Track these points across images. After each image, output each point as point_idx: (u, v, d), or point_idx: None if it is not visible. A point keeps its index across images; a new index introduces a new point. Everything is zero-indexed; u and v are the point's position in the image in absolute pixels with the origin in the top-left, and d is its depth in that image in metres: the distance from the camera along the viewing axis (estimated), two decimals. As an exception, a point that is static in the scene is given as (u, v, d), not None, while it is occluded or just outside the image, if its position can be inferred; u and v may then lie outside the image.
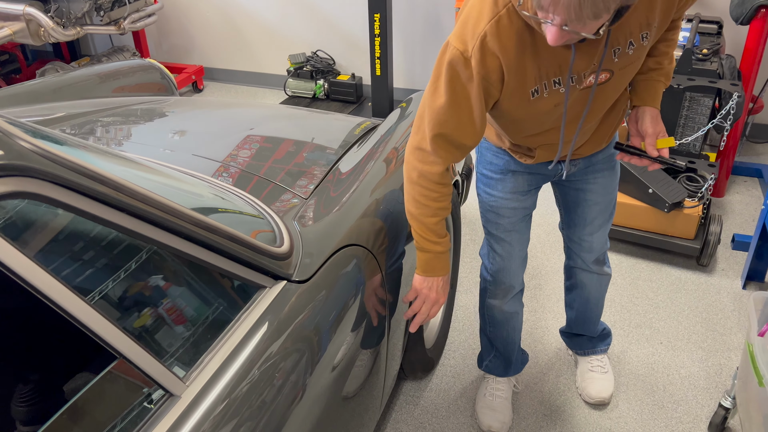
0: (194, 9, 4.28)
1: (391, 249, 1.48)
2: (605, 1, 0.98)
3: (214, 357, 0.97)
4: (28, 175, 0.75)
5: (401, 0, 3.71)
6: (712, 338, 2.19)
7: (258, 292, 1.10)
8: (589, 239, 1.74)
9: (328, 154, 1.74)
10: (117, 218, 0.86)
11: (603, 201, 1.67)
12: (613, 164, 1.64)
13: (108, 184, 0.84)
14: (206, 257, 0.99)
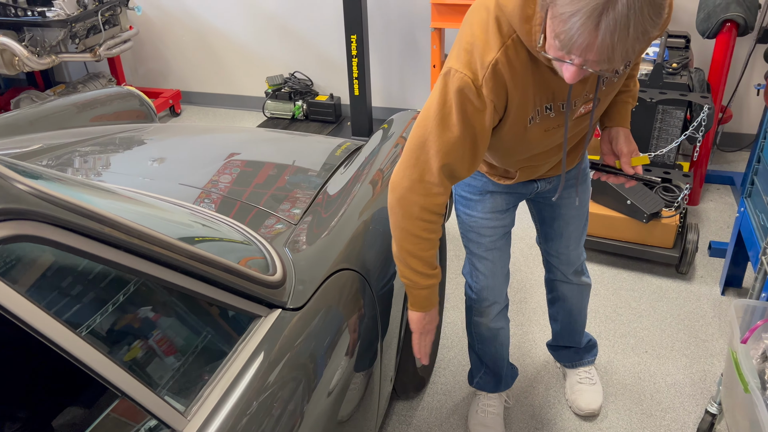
0: (170, 33, 4.28)
1: (381, 271, 1.50)
2: (637, 46, 0.98)
3: (214, 390, 0.97)
4: (27, 218, 0.76)
5: (377, 21, 3.76)
6: (694, 345, 2.24)
7: (253, 322, 1.11)
8: (567, 252, 1.78)
9: (314, 178, 1.75)
10: (114, 256, 0.86)
11: (578, 214, 1.72)
12: (585, 178, 1.69)
13: (106, 222, 0.84)
14: (202, 290, 1.00)
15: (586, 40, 0.97)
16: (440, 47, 3.31)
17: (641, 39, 0.97)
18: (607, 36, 0.95)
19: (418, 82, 3.90)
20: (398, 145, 1.97)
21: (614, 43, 0.95)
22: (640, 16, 0.94)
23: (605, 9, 0.93)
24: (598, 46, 0.97)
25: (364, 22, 3.38)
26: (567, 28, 0.97)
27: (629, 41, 0.96)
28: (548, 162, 1.52)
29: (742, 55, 3.10)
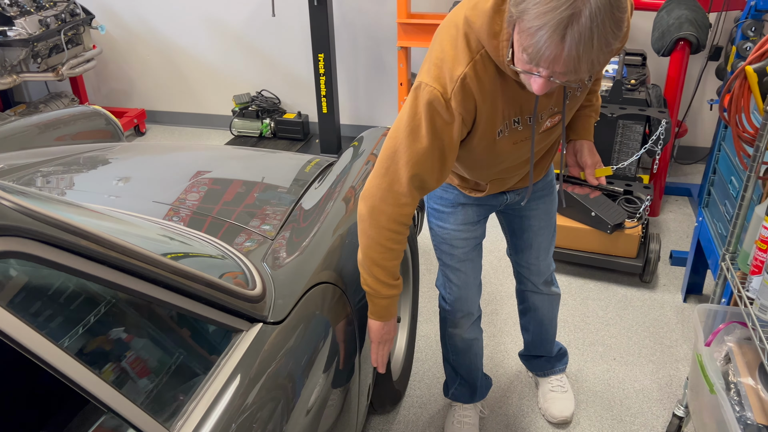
0: (134, 53, 4.25)
1: (358, 285, 1.51)
2: (601, 57, 1.03)
3: (199, 405, 0.97)
4: (14, 234, 0.76)
5: (344, 40, 3.81)
6: (660, 351, 2.31)
7: (235, 336, 1.11)
8: (536, 262, 1.83)
9: (288, 194, 1.77)
10: (100, 272, 0.86)
11: (546, 225, 1.77)
12: (552, 190, 1.74)
13: (91, 238, 0.84)
14: (184, 304, 1.00)
15: (553, 52, 1.01)
16: (407, 65, 3.37)
17: (604, 50, 1.02)
18: (572, 48, 1.00)
19: (385, 100, 3.96)
20: (369, 162, 2.00)
21: (579, 55, 1.00)
22: (603, 29, 0.99)
23: (570, 23, 0.98)
24: (565, 57, 1.01)
25: (331, 41, 3.43)
26: (534, 42, 1.02)
27: (593, 52, 1.01)
28: (517, 174, 1.57)
29: (696, 72, 3.24)
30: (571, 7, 0.97)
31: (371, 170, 1.94)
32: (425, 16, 3.33)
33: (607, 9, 0.98)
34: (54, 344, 0.76)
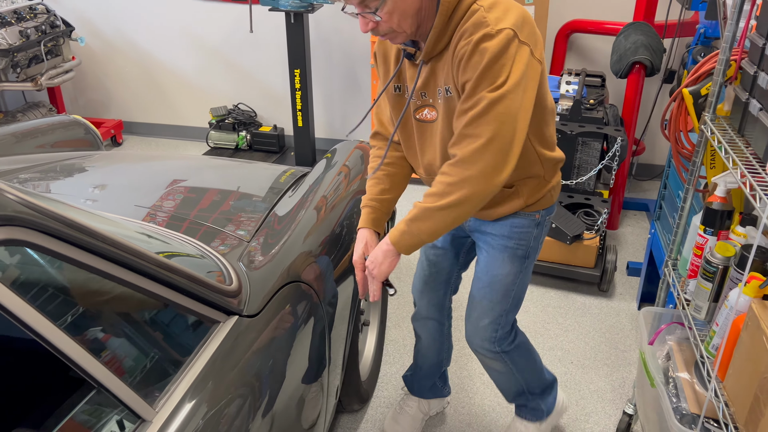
0: (112, 64, 4.32)
1: (329, 285, 1.62)
2: None
3: (179, 385, 1.06)
4: (16, 224, 0.85)
5: (319, 56, 3.93)
6: (614, 355, 2.44)
7: (214, 326, 1.20)
8: (469, 312, 1.71)
9: (263, 201, 1.87)
10: (92, 261, 0.95)
11: (483, 278, 1.64)
12: (505, 248, 1.59)
13: (85, 231, 0.94)
14: (169, 295, 1.09)
15: None
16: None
17: None
18: None
19: (358, 114, 4.08)
20: (341, 173, 2.11)
21: None
22: None
23: None
24: None
25: (307, 58, 3.54)
26: None
27: None
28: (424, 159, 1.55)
29: (653, 94, 3.44)
30: None
31: (343, 181, 2.06)
32: (398, 36, 3.47)
33: None
34: (54, 324, 0.85)
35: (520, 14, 1.28)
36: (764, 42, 1.39)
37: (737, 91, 1.53)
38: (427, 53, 1.35)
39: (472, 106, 1.28)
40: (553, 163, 1.55)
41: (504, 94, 1.25)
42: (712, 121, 1.59)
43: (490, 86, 1.25)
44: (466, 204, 1.33)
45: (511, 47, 1.24)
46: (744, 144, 1.45)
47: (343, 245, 1.80)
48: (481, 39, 1.24)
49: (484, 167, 1.29)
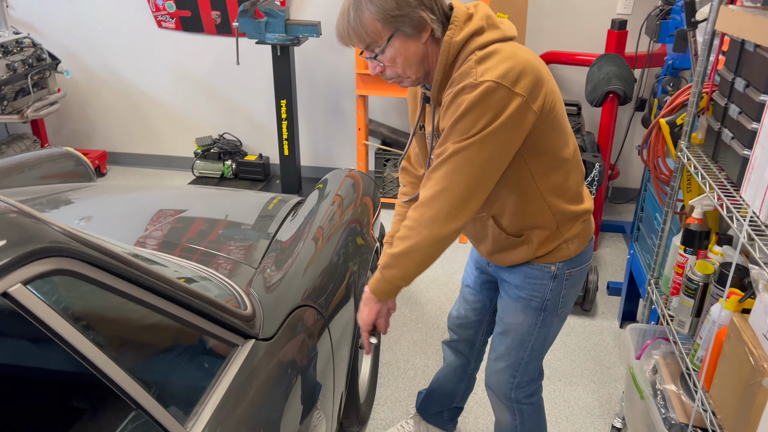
0: (96, 95, 4.35)
1: (335, 310, 1.68)
2: (356, 33, 1.31)
3: (207, 406, 1.11)
4: (64, 255, 0.91)
5: (304, 87, 4.03)
6: (600, 372, 2.54)
7: (233, 349, 1.26)
8: (489, 353, 1.73)
9: (264, 228, 1.93)
10: (128, 288, 1.01)
11: (500, 324, 1.66)
12: (519, 299, 1.59)
13: (121, 259, 1.00)
14: (193, 319, 1.15)
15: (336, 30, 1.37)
16: (364, 112, 3.61)
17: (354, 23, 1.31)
18: (340, 26, 1.35)
19: (343, 143, 4.18)
20: (335, 203, 2.17)
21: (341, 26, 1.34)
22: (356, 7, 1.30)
23: (342, 7, 1.33)
24: (339, 35, 1.36)
25: (293, 89, 3.64)
26: None
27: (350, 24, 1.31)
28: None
29: (626, 121, 3.60)
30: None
31: (337, 211, 2.12)
32: (381, 67, 3.59)
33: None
34: (100, 349, 0.90)
35: (516, 65, 1.25)
36: (733, 76, 1.52)
37: (710, 120, 1.65)
38: (433, 99, 1.39)
39: (441, 153, 1.31)
40: (571, 216, 1.49)
41: (469, 144, 1.26)
42: (688, 148, 1.71)
43: (459, 136, 1.27)
44: (425, 248, 1.34)
45: (490, 99, 1.23)
46: (718, 169, 1.57)
47: (341, 272, 1.85)
48: (461, 90, 1.26)
49: (437, 213, 1.31)
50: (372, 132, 3.90)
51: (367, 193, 2.38)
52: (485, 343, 1.92)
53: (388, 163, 3.84)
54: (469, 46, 1.30)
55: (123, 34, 4.11)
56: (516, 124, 1.27)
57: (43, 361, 1.71)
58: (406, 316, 2.87)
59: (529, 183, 1.42)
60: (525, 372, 1.67)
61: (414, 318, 2.86)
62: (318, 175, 4.26)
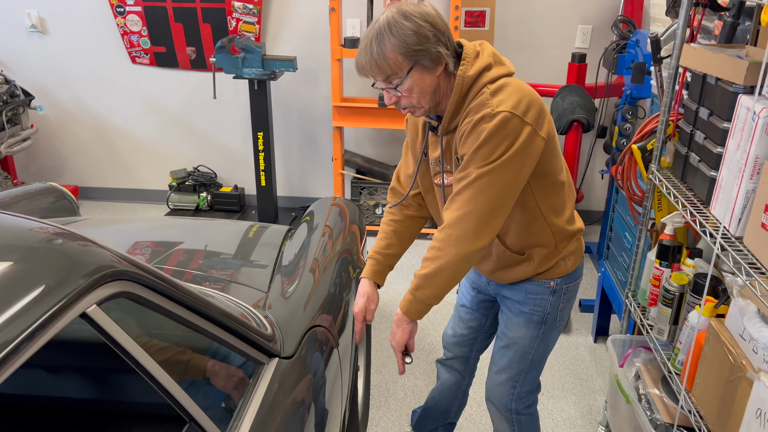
0: (67, 131, 4.35)
1: (341, 330, 1.77)
2: (380, 61, 1.38)
3: (244, 420, 1.18)
4: (125, 278, 0.98)
5: (279, 119, 4.13)
6: (579, 385, 2.67)
7: (260, 366, 1.33)
8: (490, 367, 1.82)
9: (265, 257, 2.01)
10: (176, 309, 1.09)
11: (503, 338, 1.75)
12: (521, 313, 1.69)
13: (170, 282, 1.07)
14: (228, 338, 1.23)
15: (356, 62, 1.43)
16: (340, 142, 3.73)
17: (376, 55, 1.37)
18: (360, 53, 1.40)
19: (318, 173, 4.28)
20: (325, 234, 2.22)
21: (363, 58, 1.39)
22: (378, 40, 1.37)
23: (366, 37, 1.39)
24: (357, 59, 1.42)
25: (270, 121, 3.73)
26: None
27: (372, 56, 1.38)
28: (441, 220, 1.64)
29: (587, 148, 3.82)
30: (369, 29, 1.39)
31: (328, 242, 2.19)
32: (356, 100, 3.73)
33: (383, 28, 1.36)
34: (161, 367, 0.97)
35: (524, 98, 1.39)
36: (697, 106, 1.70)
37: (677, 146, 1.83)
38: (443, 128, 1.49)
39: (463, 177, 1.42)
40: (567, 235, 1.61)
41: (491, 169, 1.37)
42: (659, 171, 1.89)
43: (481, 162, 1.38)
44: (453, 267, 1.44)
45: (507, 127, 1.36)
46: (687, 189, 1.74)
47: (341, 297, 1.92)
48: (480, 119, 1.38)
49: (465, 233, 1.41)
50: (347, 162, 4.02)
51: (354, 221, 2.48)
52: (478, 360, 2.01)
53: (363, 191, 3.95)
54: (480, 80, 1.43)
55: (96, 69, 4.14)
56: (528, 150, 1.40)
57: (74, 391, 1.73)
58: (391, 339, 2.95)
59: (531, 204, 1.54)
60: (525, 383, 1.77)
61: (399, 340, 2.95)
62: (293, 205, 4.33)
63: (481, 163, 1.38)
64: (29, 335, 0.78)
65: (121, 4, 3.90)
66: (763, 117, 1.35)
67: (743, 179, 1.42)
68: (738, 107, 1.47)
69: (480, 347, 1.98)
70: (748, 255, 1.37)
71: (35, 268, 0.86)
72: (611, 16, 3.72)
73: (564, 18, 3.76)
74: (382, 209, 3.96)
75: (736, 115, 1.47)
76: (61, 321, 0.83)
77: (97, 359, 1.66)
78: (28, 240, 0.95)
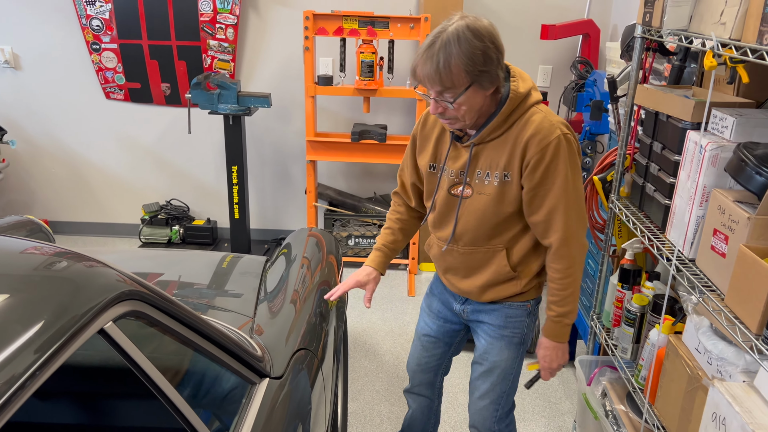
0: (38, 165, 4.34)
1: (324, 353, 1.84)
2: (440, 76, 1.41)
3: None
4: (136, 298, 1.05)
5: (252, 153, 4.21)
6: (549, 408, 2.77)
7: (251, 386, 1.40)
8: (471, 394, 1.86)
9: (247, 281, 2.07)
10: (179, 328, 1.15)
11: (484, 363, 1.80)
12: (502, 337, 1.76)
13: (173, 302, 1.14)
14: (224, 358, 1.29)
15: (417, 65, 1.45)
16: (314, 176, 3.83)
17: (443, 68, 1.40)
18: (426, 62, 1.42)
19: (290, 206, 4.36)
20: (303, 265, 2.27)
21: (429, 68, 1.41)
22: (446, 51, 1.39)
23: (430, 46, 1.42)
24: (420, 68, 1.44)
25: (244, 155, 3.82)
26: (413, 62, 1.47)
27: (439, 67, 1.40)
28: (458, 227, 1.68)
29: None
30: (434, 37, 1.41)
31: (307, 273, 2.24)
32: (329, 135, 3.85)
33: (453, 40, 1.39)
34: (170, 384, 1.04)
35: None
36: (651, 140, 1.86)
37: (634, 177, 1.99)
38: (480, 138, 1.55)
39: (546, 191, 1.54)
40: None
41: (572, 180, 1.55)
42: (618, 200, 2.04)
43: (561, 176, 1.53)
44: (580, 279, 1.64)
45: (572, 145, 1.54)
46: (644, 217, 1.89)
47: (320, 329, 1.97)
48: (549, 139, 1.50)
49: (581, 242, 1.60)
50: (320, 194, 4.11)
51: (331, 251, 2.56)
52: (443, 380, 2.06)
53: (336, 223, 4.04)
54: (528, 99, 1.53)
55: (69, 104, 4.18)
56: (578, 158, 1.58)
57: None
58: (367, 368, 3.02)
59: None
60: (506, 403, 1.85)
61: (374, 369, 3.01)
62: (266, 237, 4.39)
63: (561, 177, 1.52)
64: (56, 349, 0.84)
65: (96, 41, 3.97)
66: (709, 150, 1.51)
67: (694, 206, 1.57)
68: (687, 142, 1.63)
69: (444, 371, 2.02)
70: (701, 275, 1.51)
71: (56, 288, 0.93)
72: (570, 57, 3.95)
73: (526, 58, 3.97)
74: (356, 241, 4.05)
75: (686, 149, 1.63)
76: (81, 338, 0.90)
77: (86, 384, 1.69)
78: (42, 263, 1.01)
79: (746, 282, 1.28)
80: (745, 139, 1.50)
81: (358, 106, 4.06)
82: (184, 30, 3.92)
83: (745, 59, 1.32)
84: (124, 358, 0.98)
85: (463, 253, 1.71)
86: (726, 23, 1.41)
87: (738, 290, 1.32)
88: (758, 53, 1.28)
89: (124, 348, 0.97)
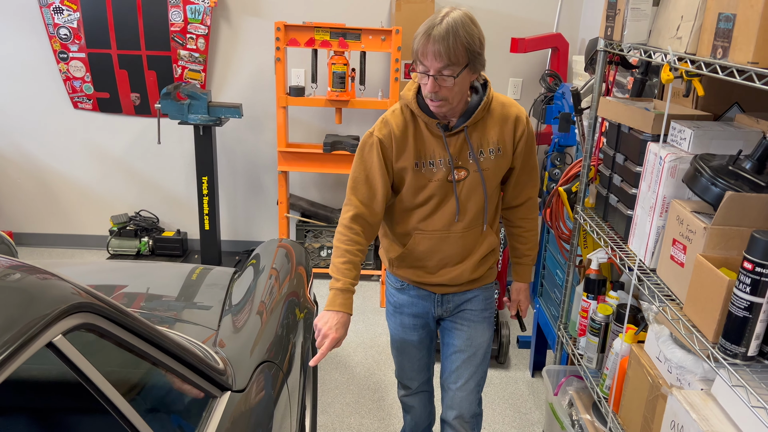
0: (3, 175, 4.25)
1: (290, 366, 1.82)
2: (452, 52, 1.51)
3: (199, 450, 1.22)
4: (88, 310, 1.03)
5: (223, 164, 4.18)
6: (519, 418, 2.78)
7: (212, 400, 1.38)
8: (456, 382, 1.91)
9: (214, 293, 2.05)
10: (134, 341, 1.13)
11: (468, 349, 1.88)
12: (484, 319, 1.90)
13: (129, 315, 1.12)
14: (184, 371, 1.27)
15: (423, 45, 1.53)
16: (285, 186, 3.81)
17: (453, 44, 1.51)
18: (435, 41, 1.51)
19: (262, 216, 4.33)
20: (272, 276, 2.27)
21: (438, 47, 1.51)
22: (455, 31, 1.51)
23: (434, 27, 1.52)
24: (430, 47, 1.52)
25: (215, 166, 3.79)
26: (415, 45, 1.56)
27: (450, 44, 1.51)
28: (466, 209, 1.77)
29: (520, 191, 4.03)
30: (440, 19, 1.52)
31: (275, 285, 2.23)
32: (300, 146, 3.84)
33: (458, 23, 1.52)
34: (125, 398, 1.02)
35: None
36: (614, 152, 1.89)
37: (598, 188, 2.01)
38: (474, 120, 1.68)
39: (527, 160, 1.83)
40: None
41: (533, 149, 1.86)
42: (583, 211, 2.06)
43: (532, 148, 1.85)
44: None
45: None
46: (608, 227, 1.91)
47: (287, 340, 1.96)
48: (522, 118, 1.77)
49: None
50: (292, 205, 4.09)
51: (300, 262, 2.55)
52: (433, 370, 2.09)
53: (308, 234, 4.02)
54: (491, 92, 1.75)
55: (35, 114, 4.10)
56: None
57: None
58: (337, 380, 3.00)
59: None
60: (483, 381, 1.96)
61: (345, 381, 2.99)
62: (237, 249, 4.35)
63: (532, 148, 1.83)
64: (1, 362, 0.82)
65: (64, 50, 3.91)
66: (668, 161, 1.54)
67: (654, 217, 1.59)
68: (647, 153, 1.65)
69: (434, 362, 2.08)
70: (661, 284, 1.53)
71: (3, 300, 0.90)
72: (539, 70, 4.01)
73: (497, 71, 4.02)
74: (328, 252, 4.03)
75: (646, 160, 1.66)
76: (28, 350, 0.88)
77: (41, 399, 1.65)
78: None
79: (703, 291, 1.30)
80: (702, 151, 1.53)
81: (330, 117, 4.06)
82: (154, 39, 3.89)
83: (700, 73, 1.35)
84: (74, 372, 0.96)
85: (462, 236, 1.80)
86: (682, 38, 1.44)
87: (695, 299, 1.34)
88: (711, 67, 1.30)
89: (74, 362, 0.95)
